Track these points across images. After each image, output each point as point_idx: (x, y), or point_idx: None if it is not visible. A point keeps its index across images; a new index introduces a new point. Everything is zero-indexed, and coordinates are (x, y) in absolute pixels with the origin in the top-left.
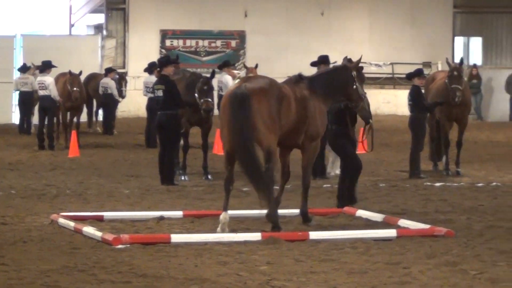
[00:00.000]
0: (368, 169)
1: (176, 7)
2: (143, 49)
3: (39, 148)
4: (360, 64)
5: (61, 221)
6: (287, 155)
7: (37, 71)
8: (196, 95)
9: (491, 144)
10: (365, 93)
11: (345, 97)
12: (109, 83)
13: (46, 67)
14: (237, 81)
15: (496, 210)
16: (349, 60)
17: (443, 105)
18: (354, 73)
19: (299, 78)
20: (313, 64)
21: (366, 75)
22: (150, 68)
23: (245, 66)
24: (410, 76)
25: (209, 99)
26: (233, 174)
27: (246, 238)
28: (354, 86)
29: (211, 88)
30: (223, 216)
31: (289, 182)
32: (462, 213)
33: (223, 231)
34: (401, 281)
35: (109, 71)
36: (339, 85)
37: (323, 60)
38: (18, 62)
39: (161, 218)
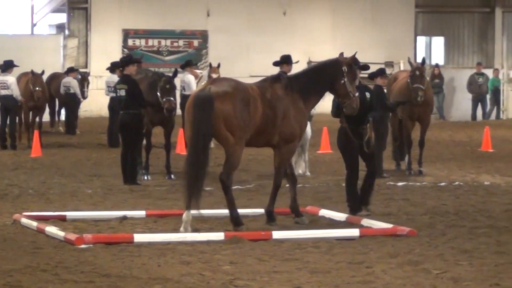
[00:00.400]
0: (331, 168)
1: (138, 6)
2: (105, 48)
3: (1, 148)
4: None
5: (24, 221)
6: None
7: None
8: (158, 94)
9: (453, 143)
10: (356, 91)
11: (332, 92)
12: (71, 82)
13: (8, 66)
14: (203, 80)
15: (459, 210)
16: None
17: (406, 105)
18: (344, 68)
19: (276, 77)
20: (275, 63)
21: None
22: (112, 68)
23: (210, 65)
24: (372, 76)
25: (171, 98)
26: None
27: (209, 237)
28: (342, 81)
29: (173, 87)
30: (186, 215)
31: (253, 182)
32: (425, 212)
33: (185, 230)
34: (364, 280)
35: (70, 70)
36: (326, 80)
37: (285, 59)
38: None
39: (124, 218)
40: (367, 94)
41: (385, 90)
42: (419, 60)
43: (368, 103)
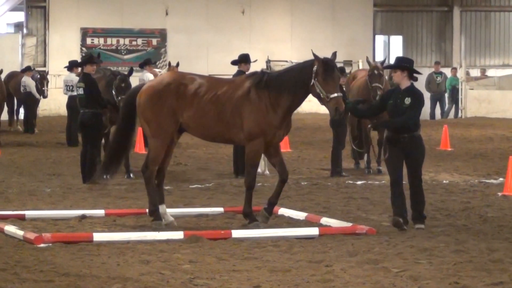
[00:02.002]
0: (290, 167)
1: (96, 5)
2: (64, 47)
3: None
4: (281, 62)
5: None
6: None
7: None
8: (113, 92)
9: None
10: (334, 92)
11: (308, 94)
12: (26, 81)
13: None
14: None
15: None
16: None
17: (365, 104)
18: (315, 68)
19: (253, 73)
20: (233, 62)
21: None
22: (70, 66)
23: (169, 64)
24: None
25: None
26: (161, 170)
27: (168, 236)
28: (312, 83)
29: (128, 85)
30: (162, 208)
31: (212, 181)
32: (384, 211)
33: (168, 220)
34: (324, 279)
35: (27, 69)
36: (298, 80)
37: (243, 58)
38: None
39: (83, 217)
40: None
41: (344, 89)
42: (378, 59)
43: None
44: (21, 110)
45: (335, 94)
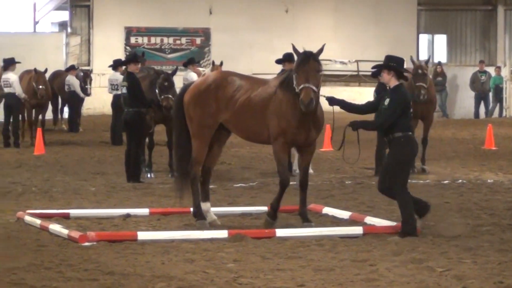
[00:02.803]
0: (334, 166)
1: (140, 4)
2: (108, 46)
3: (4, 146)
4: (325, 62)
5: (27, 218)
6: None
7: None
8: (156, 91)
9: (456, 141)
10: (303, 83)
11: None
12: (71, 80)
13: (9, 64)
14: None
15: (462, 207)
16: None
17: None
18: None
19: (280, 74)
20: (278, 61)
21: (332, 73)
22: (115, 65)
23: (213, 63)
24: (376, 74)
25: (169, 96)
26: (208, 169)
27: (212, 235)
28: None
29: (171, 84)
30: (205, 206)
31: (256, 180)
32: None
33: (212, 218)
34: (368, 278)
35: (71, 68)
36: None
37: (287, 57)
38: None
39: (128, 215)
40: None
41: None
42: (422, 58)
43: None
44: (66, 109)
45: (302, 85)
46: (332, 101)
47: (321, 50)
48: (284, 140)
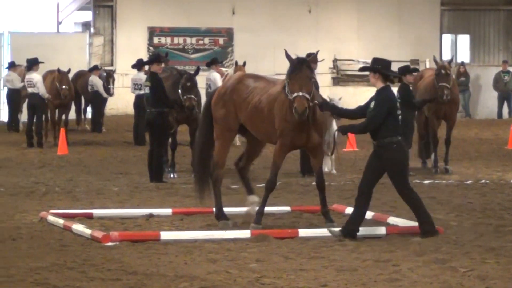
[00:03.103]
0: (357, 166)
1: (163, 4)
2: (131, 46)
3: (27, 146)
4: (348, 62)
5: (51, 218)
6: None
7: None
8: (179, 91)
9: (479, 141)
10: (297, 92)
11: None
12: (94, 80)
13: (32, 64)
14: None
15: (485, 208)
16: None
17: (432, 103)
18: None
19: None
20: None
21: (354, 73)
22: (138, 65)
23: (236, 63)
24: (400, 74)
25: (192, 96)
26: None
27: (235, 235)
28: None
29: (194, 84)
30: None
31: (278, 180)
32: (451, 210)
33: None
34: (391, 278)
35: (94, 69)
36: None
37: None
38: (6, 59)
39: (151, 215)
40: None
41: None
42: (445, 58)
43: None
44: (89, 109)
45: (295, 94)
46: (323, 107)
47: (315, 57)
48: (283, 141)
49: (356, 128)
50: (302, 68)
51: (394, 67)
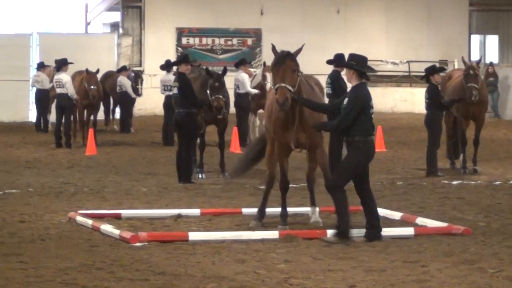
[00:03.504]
0: (385, 167)
1: (192, 5)
2: (160, 47)
3: (56, 146)
4: (377, 62)
5: (79, 219)
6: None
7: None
8: (208, 92)
9: (508, 142)
10: (275, 84)
11: None
12: (122, 81)
13: (62, 64)
14: (256, 79)
15: None
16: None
17: (460, 103)
18: None
19: None
20: (329, 62)
21: (383, 73)
22: (166, 66)
23: (264, 64)
24: (428, 74)
25: (220, 96)
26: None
27: (263, 236)
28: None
29: (222, 85)
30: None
31: (305, 180)
32: (480, 211)
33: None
34: (419, 279)
35: (122, 69)
36: None
37: (338, 58)
38: (35, 60)
39: (179, 216)
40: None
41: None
42: (473, 58)
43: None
44: (117, 110)
45: (277, 85)
46: (298, 100)
47: (299, 50)
48: (277, 140)
49: (329, 126)
50: (286, 60)
51: (422, 67)
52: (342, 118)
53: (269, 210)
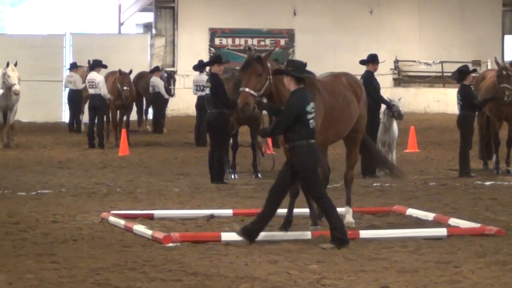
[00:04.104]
0: (418, 167)
1: (225, 6)
2: (192, 47)
3: (89, 147)
4: (410, 63)
5: (112, 219)
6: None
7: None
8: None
9: None
10: (241, 88)
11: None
12: (155, 81)
13: (96, 65)
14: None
15: None
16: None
17: (493, 104)
18: None
19: None
20: (362, 62)
21: (416, 74)
22: (199, 66)
23: None
24: (461, 75)
25: None
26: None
27: (296, 236)
28: None
29: None
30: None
31: (340, 181)
32: None
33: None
34: (452, 280)
35: (155, 70)
36: None
37: (371, 58)
38: (68, 60)
39: (211, 216)
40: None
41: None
42: (506, 59)
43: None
44: (150, 110)
45: (240, 89)
46: (262, 105)
47: (268, 54)
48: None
49: (268, 131)
50: (252, 64)
51: (455, 68)
52: (276, 125)
53: (302, 210)
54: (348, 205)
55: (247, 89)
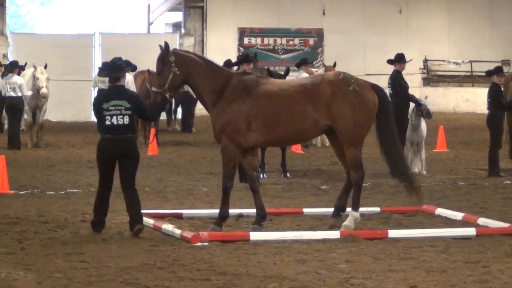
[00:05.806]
0: (447, 167)
1: (254, 5)
2: (221, 47)
3: None
4: (439, 62)
5: None
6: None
7: None
8: None
9: None
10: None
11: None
12: None
13: (126, 65)
14: None
15: None
16: None
17: None
18: None
19: None
20: (389, 61)
21: (445, 73)
22: (227, 66)
23: (323, 65)
24: (489, 74)
25: None
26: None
27: (325, 236)
28: None
29: None
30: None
31: (368, 180)
32: None
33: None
34: (481, 279)
35: None
36: None
37: (398, 58)
38: (97, 60)
39: (240, 216)
40: None
41: (502, 89)
42: None
43: None
44: (179, 110)
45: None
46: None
47: (165, 51)
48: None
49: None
50: (156, 64)
51: (485, 67)
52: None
53: (327, 210)
54: (353, 209)
55: (153, 89)
